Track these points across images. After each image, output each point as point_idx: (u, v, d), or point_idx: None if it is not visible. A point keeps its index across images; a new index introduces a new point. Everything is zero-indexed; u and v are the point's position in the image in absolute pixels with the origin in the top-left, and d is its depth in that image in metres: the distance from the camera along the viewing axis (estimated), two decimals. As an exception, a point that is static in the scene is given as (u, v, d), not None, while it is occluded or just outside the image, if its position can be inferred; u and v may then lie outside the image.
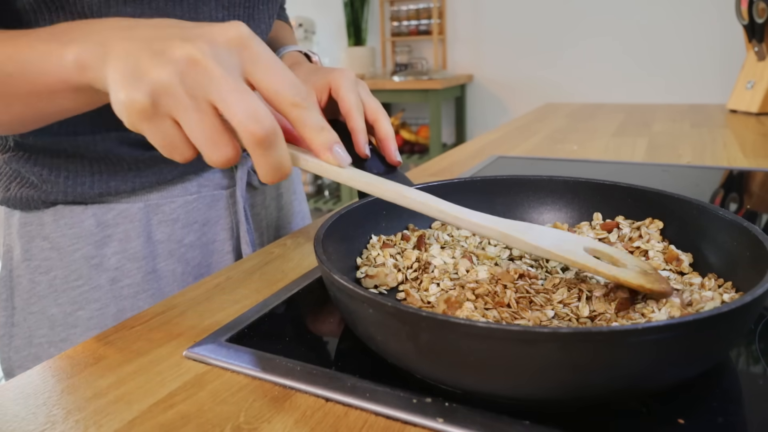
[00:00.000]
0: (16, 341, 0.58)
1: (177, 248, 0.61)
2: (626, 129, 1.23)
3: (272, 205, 0.73)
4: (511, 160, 0.96)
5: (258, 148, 0.33)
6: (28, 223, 0.57)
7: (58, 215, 0.56)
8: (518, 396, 0.30)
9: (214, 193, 0.64)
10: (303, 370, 0.35)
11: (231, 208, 0.65)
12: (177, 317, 0.44)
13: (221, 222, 0.65)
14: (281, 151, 0.34)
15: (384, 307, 0.30)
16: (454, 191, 0.52)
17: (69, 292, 0.57)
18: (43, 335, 0.57)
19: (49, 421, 0.32)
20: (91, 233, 0.57)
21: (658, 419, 0.30)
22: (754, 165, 0.86)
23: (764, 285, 0.29)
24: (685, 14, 2.46)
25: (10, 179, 0.56)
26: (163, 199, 0.60)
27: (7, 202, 0.57)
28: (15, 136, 0.54)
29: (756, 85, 1.33)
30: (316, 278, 0.49)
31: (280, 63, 0.35)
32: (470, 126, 3.09)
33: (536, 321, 0.35)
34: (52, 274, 0.57)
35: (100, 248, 0.57)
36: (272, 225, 0.73)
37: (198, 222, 0.63)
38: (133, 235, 0.58)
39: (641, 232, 0.45)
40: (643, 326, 0.26)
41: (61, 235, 0.56)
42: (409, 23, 3.09)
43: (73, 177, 0.56)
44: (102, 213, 0.57)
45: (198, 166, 0.61)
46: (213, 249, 0.65)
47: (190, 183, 0.62)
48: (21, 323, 0.58)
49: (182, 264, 0.62)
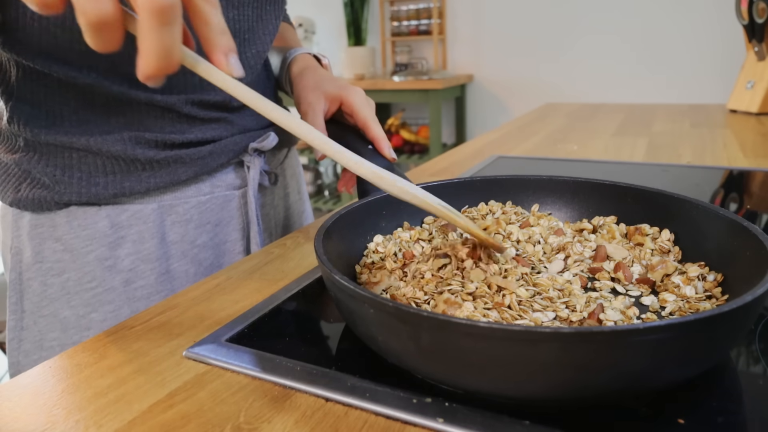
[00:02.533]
0: (25, 345, 0.57)
1: (190, 249, 0.61)
2: (626, 129, 1.23)
3: (280, 205, 0.73)
4: (511, 160, 0.96)
5: (153, 19, 0.29)
6: (40, 224, 0.56)
7: (71, 216, 0.56)
8: (518, 396, 0.30)
9: (227, 194, 0.63)
10: (303, 370, 0.35)
11: (242, 208, 0.65)
12: (177, 317, 0.44)
13: (233, 222, 0.65)
14: (176, 35, 0.30)
15: (385, 307, 0.30)
16: (454, 191, 0.52)
17: (82, 294, 0.56)
18: (54, 338, 0.57)
19: (49, 421, 0.32)
20: (105, 234, 0.56)
21: (658, 419, 0.30)
22: (754, 165, 0.86)
23: (764, 285, 0.29)
24: (685, 14, 2.46)
25: (20, 180, 0.56)
26: (177, 200, 0.60)
27: (17, 203, 0.56)
28: (26, 135, 0.54)
29: (756, 85, 1.33)
30: (316, 278, 0.49)
31: None
32: (470, 126, 3.09)
33: (537, 322, 0.35)
34: (64, 276, 0.56)
35: (113, 250, 0.57)
36: (280, 225, 0.73)
37: (211, 222, 0.63)
38: (146, 236, 0.58)
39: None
40: (644, 326, 0.26)
41: (75, 236, 0.56)
42: (409, 23, 3.09)
43: (86, 177, 0.55)
44: (116, 214, 0.57)
45: (212, 166, 0.61)
46: (225, 249, 0.64)
47: (203, 183, 0.61)
48: (31, 327, 0.57)
49: (195, 265, 0.62)
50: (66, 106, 0.53)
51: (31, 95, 0.53)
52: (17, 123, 0.53)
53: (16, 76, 0.52)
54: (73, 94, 0.53)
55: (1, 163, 0.57)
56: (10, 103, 0.53)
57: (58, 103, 0.53)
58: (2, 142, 0.56)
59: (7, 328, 0.58)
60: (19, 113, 0.53)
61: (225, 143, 0.61)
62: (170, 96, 0.56)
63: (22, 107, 0.53)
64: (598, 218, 0.49)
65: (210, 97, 0.58)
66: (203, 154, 0.59)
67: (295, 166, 0.78)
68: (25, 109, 0.53)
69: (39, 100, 0.53)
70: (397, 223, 0.50)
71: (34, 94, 0.53)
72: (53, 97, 0.53)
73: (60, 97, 0.53)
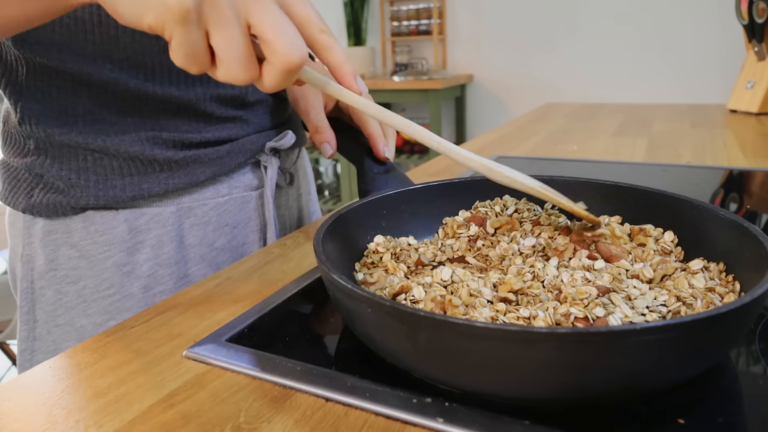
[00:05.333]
0: (38, 356, 0.55)
1: (208, 252, 0.60)
2: (626, 129, 1.23)
3: (294, 206, 0.72)
4: (511, 160, 0.96)
5: (286, 75, 0.34)
6: (53, 231, 0.54)
7: (88, 222, 0.54)
8: (518, 396, 0.30)
9: (244, 195, 0.63)
10: (303, 370, 0.35)
11: (260, 209, 0.64)
12: (177, 317, 0.44)
13: (251, 224, 0.64)
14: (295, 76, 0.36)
15: (382, 306, 0.30)
16: (454, 191, 0.52)
17: (99, 301, 0.55)
18: (69, 348, 0.55)
19: (49, 421, 0.32)
20: (123, 240, 0.55)
21: (658, 419, 0.30)
22: (754, 165, 0.86)
23: (764, 285, 0.29)
24: (685, 14, 2.46)
25: (32, 185, 0.54)
26: (195, 202, 0.58)
27: (31, 210, 0.54)
28: (38, 136, 0.52)
29: (756, 85, 1.33)
30: (316, 278, 0.49)
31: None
32: (470, 126, 3.09)
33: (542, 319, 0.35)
34: (80, 284, 0.55)
35: (132, 255, 0.56)
36: (294, 226, 0.73)
37: (229, 224, 0.62)
38: (165, 240, 0.57)
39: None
40: (643, 326, 0.26)
41: (92, 242, 0.54)
42: (409, 23, 3.09)
43: (103, 180, 0.54)
44: (134, 218, 0.55)
45: (230, 166, 0.60)
46: (242, 252, 0.63)
47: (221, 184, 0.60)
48: (44, 337, 0.55)
49: (213, 268, 0.61)
50: (79, 105, 0.52)
51: (42, 94, 0.51)
52: (29, 123, 0.52)
53: (25, 75, 0.51)
54: (87, 91, 0.51)
55: (12, 168, 0.55)
56: (20, 103, 0.51)
57: (71, 102, 0.52)
58: (12, 145, 0.55)
59: (18, 338, 0.56)
60: (30, 113, 0.51)
61: (242, 142, 0.60)
62: (187, 91, 0.55)
63: (32, 107, 0.51)
64: (604, 217, 0.48)
65: (227, 92, 0.58)
66: (221, 153, 0.58)
67: (306, 167, 0.77)
68: (36, 108, 0.51)
69: (51, 99, 0.51)
70: (398, 223, 0.50)
71: (45, 93, 0.51)
72: (66, 96, 0.51)
73: (73, 95, 0.51)
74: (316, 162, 3.28)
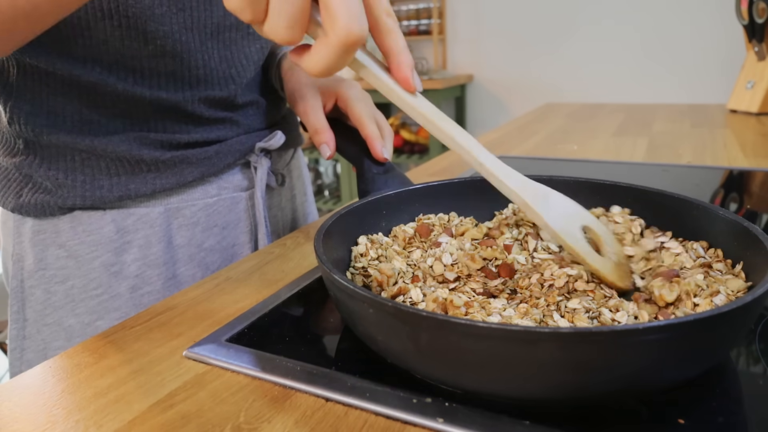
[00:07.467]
0: (28, 354, 0.56)
1: (197, 253, 0.60)
2: (626, 129, 1.23)
3: (287, 207, 0.72)
4: (511, 160, 0.96)
5: (342, 50, 0.31)
6: (42, 230, 0.54)
7: (76, 222, 0.54)
8: (519, 396, 0.30)
9: (234, 196, 0.62)
10: (303, 370, 0.35)
11: (250, 210, 0.64)
12: (177, 317, 0.44)
13: (241, 225, 0.64)
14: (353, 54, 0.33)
15: (384, 306, 0.30)
16: (454, 191, 0.52)
17: (87, 301, 0.55)
18: (59, 347, 0.55)
19: (49, 421, 0.32)
20: (111, 240, 0.55)
21: (658, 419, 0.30)
22: (754, 165, 0.86)
23: (764, 285, 0.29)
24: (685, 14, 2.46)
25: (21, 185, 0.54)
26: (184, 203, 0.58)
27: (19, 209, 0.54)
28: (27, 136, 0.52)
29: (756, 85, 1.33)
30: (316, 278, 0.49)
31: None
32: (470, 126, 3.09)
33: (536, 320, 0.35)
34: (69, 284, 0.55)
35: (119, 255, 0.56)
36: (287, 227, 0.73)
37: (218, 225, 0.61)
38: (153, 241, 0.57)
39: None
40: (643, 326, 0.26)
41: (79, 242, 0.55)
42: (409, 23, 3.09)
43: (90, 180, 0.54)
44: (121, 218, 0.56)
45: (218, 166, 0.60)
46: (233, 253, 0.63)
47: (210, 185, 0.60)
48: (34, 335, 0.56)
49: (202, 269, 0.61)
50: (68, 106, 0.52)
51: (32, 95, 0.52)
52: (18, 123, 0.52)
53: (16, 76, 0.51)
54: (76, 93, 0.52)
55: (1, 167, 0.56)
56: (10, 103, 0.52)
57: (60, 103, 0.52)
58: (2, 145, 0.55)
59: (9, 337, 0.57)
60: (19, 113, 0.52)
61: (231, 143, 0.60)
62: (176, 93, 0.55)
63: (22, 107, 0.52)
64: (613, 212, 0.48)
65: (216, 93, 0.57)
66: (209, 154, 0.58)
67: (301, 167, 0.77)
68: (25, 108, 0.52)
69: (40, 100, 0.52)
70: (398, 223, 0.50)
71: (35, 94, 0.52)
72: (55, 97, 0.52)
73: (62, 96, 0.52)
74: (316, 162, 3.28)
